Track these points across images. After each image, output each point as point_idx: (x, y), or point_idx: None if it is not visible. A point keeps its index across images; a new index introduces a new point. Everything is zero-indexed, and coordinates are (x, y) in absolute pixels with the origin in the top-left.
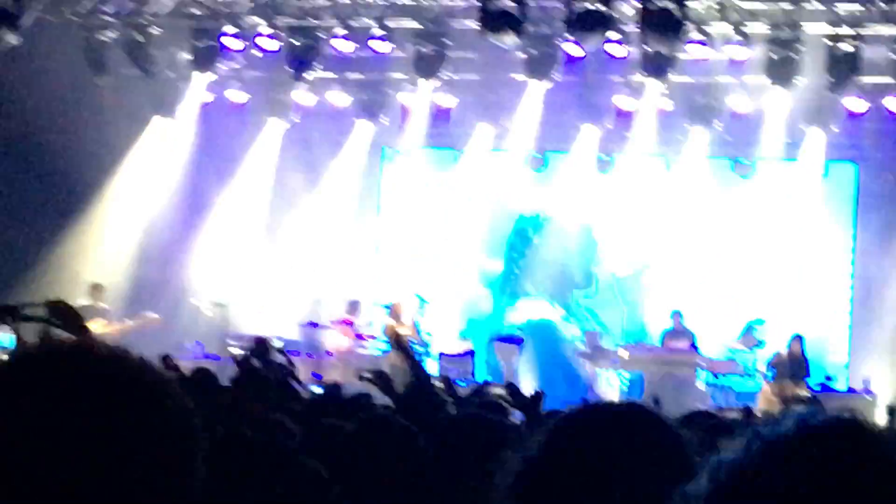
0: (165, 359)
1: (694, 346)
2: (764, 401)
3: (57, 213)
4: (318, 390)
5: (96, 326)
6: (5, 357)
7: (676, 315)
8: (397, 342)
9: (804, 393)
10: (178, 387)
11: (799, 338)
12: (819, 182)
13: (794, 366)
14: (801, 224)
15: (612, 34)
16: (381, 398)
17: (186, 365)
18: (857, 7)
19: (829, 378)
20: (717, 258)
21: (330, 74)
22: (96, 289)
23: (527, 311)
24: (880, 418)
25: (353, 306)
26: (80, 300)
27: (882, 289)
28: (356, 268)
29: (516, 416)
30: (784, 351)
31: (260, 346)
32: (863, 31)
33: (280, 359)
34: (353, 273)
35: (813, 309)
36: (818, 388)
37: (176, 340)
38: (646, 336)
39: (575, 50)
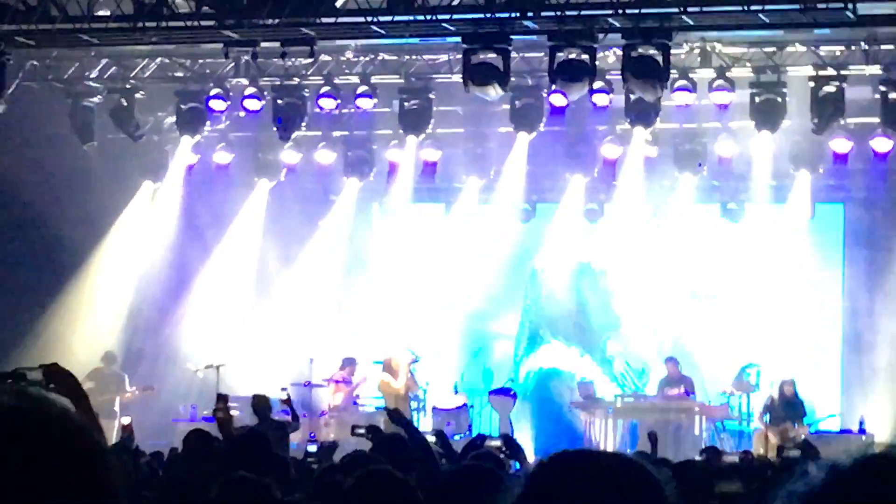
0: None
1: (689, 393)
2: (760, 445)
3: (48, 281)
4: (313, 448)
5: (92, 386)
6: None
7: (671, 361)
8: (394, 415)
9: (804, 435)
10: (109, 454)
11: (790, 381)
12: (807, 224)
13: (788, 408)
14: (790, 266)
15: (596, 83)
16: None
17: (184, 428)
18: (839, 48)
19: (827, 418)
20: (709, 303)
21: (316, 133)
22: (109, 357)
23: (546, 359)
24: None
25: (349, 364)
26: (93, 367)
27: (872, 328)
28: (349, 325)
29: (514, 468)
30: (776, 394)
31: (259, 404)
32: (846, 72)
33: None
34: (347, 330)
35: (805, 351)
36: (812, 432)
37: (171, 404)
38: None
39: (559, 100)
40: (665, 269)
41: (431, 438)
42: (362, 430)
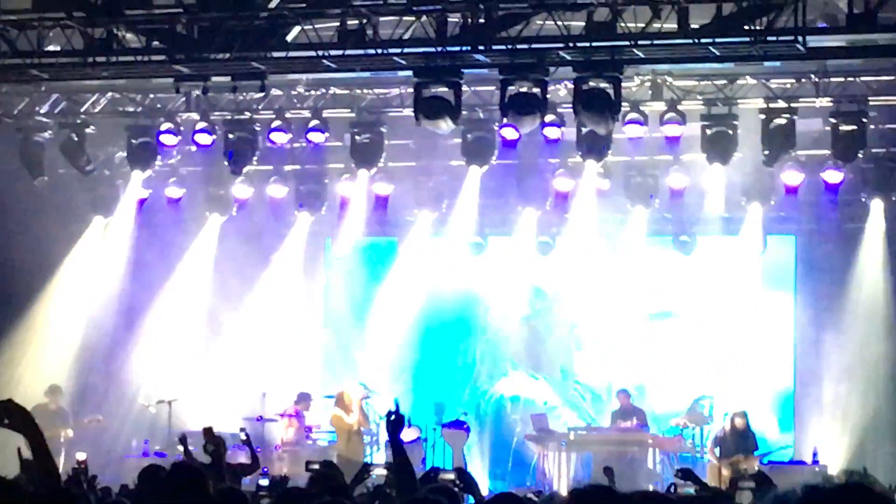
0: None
1: (642, 425)
2: (713, 477)
3: None
4: (265, 482)
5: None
6: None
7: (623, 394)
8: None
9: (756, 466)
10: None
11: (742, 413)
12: (759, 255)
13: (739, 441)
14: (743, 298)
15: (548, 116)
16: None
17: (136, 464)
18: (790, 80)
19: (780, 449)
20: (662, 334)
21: (267, 167)
22: (53, 391)
23: (505, 388)
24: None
25: (303, 398)
26: (38, 402)
27: (823, 359)
28: (302, 359)
29: (467, 502)
30: (727, 426)
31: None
32: (797, 105)
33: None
34: (300, 364)
35: (757, 382)
36: (765, 462)
37: (121, 439)
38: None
39: (511, 133)
40: (618, 299)
41: (451, 476)
42: (316, 465)
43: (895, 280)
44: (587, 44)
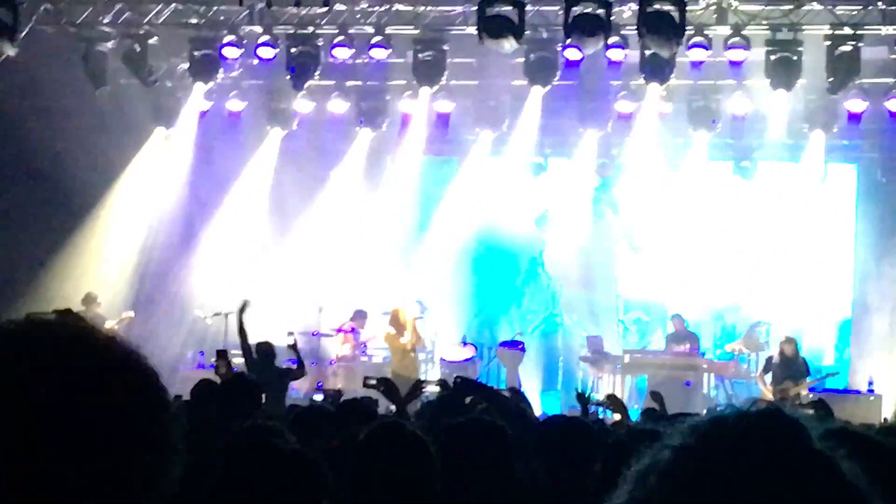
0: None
1: (696, 349)
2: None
3: (58, 225)
4: (319, 398)
5: None
6: None
7: (677, 318)
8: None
9: (802, 392)
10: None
11: (791, 339)
12: (820, 183)
13: (789, 367)
14: (802, 226)
15: (611, 38)
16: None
17: (188, 375)
18: (856, 7)
19: (832, 374)
20: (720, 260)
21: (329, 82)
22: (89, 298)
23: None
24: (886, 416)
25: (359, 315)
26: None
27: (882, 290)
28: (360, 275)
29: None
30: (776, 354)
31: (262, 351)
32: (862, 32)
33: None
34: (357, 280)
35: (815, 310)
36: (821, 390)
37: (179, 351)
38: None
39: (574, 54)
40: (678, 223)
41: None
42: (373, 382)
43: None
44: None
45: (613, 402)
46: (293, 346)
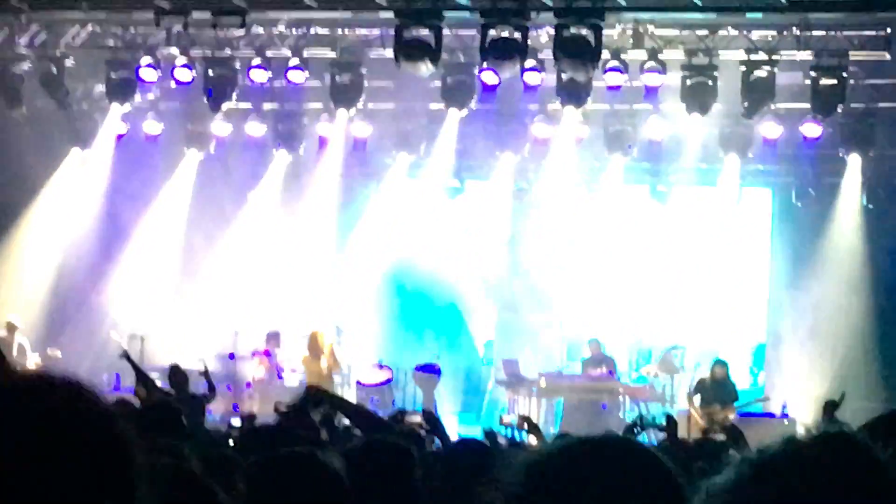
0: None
1: (613, 373)
2: (683, 427)
3: None
4: (237, 422)
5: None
6: None
7: (594, 342)
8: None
9: (731, 416)
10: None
11: (722, 363)
12: (735, 207)
13: (719, 391)
14: (718, 250)
15: (528, 62)
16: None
17: (107, 398)
18: (771, 33)
19: (763, 400)
20: (637, 284)
21: (246, 105)
22: (10, 326)
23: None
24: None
25: (272, 336)
26: None
27: (797, 312)
28: (275, 298)
29: (436, 444)
30: (706, 376)
31: (175, 375)
32: (777, 57)
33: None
34: (273, 303)
35: (730, 334)
36: (738, 413)
37: (93, 373)
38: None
39: (491, 78)
40: (594, 247)
41: (417, 419)
42: (285, 409)
43: (870, 235)
44: None
45: (528, 424)
46: (204, 372)
